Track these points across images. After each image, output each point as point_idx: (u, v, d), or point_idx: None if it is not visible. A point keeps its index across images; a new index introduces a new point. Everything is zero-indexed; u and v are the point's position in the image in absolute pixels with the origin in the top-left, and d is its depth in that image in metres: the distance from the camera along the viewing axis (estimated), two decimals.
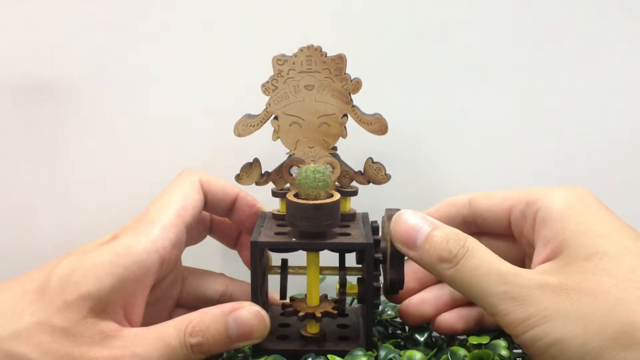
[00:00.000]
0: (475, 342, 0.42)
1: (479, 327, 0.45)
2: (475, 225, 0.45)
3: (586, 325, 0.33)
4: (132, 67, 0.55)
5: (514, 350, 0.41)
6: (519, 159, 0.56)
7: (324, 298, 0.45)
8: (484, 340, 0.42)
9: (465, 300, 0.44)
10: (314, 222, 0.41)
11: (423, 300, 0.45)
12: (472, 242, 0.38)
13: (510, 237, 0.44)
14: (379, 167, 0.45)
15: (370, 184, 0.46)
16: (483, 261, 0.37)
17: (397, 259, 0.42)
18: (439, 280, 0.45)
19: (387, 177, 0.46)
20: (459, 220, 0.45)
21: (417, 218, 0.39)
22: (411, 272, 0.45)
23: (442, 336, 0.46)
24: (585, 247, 0.36)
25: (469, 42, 0.55)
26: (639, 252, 0.36)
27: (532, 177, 0.56)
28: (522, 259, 0.44)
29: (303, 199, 0.41)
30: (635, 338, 0.33)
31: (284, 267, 0.45)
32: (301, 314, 0.43)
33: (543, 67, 0.55)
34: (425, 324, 0.45)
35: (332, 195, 0.42)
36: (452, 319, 0.44)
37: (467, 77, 0.55)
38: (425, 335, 0.45)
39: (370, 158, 0.45)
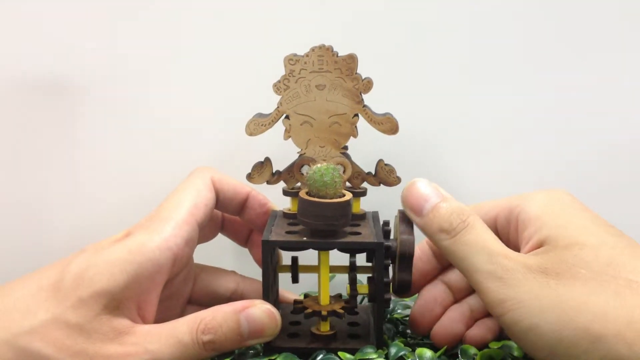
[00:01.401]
0: (493, 346, 0.42)
1: (502, 334, 0.45)
2: None
3: (560, 313, 0.34)
4: (143, 66, 0.55)
5: None
6: (529, 160, 0.56)
7: (337, 297, 0.46)
8: (498, 344, 0.42)
9: (483, 312, 0.45)
10: (326, 220, 0.41)
11: (452, 320, 0.44)
12: (474, 219, 0.39)
13: None
14: (391, 170, 0.46)
15: (381, 185, 0.46)
16: (478, 238, 0.38)
17: (405, 260, 0.42)
18: (456, 299, 0.46)
19: (398, 180, 0.46)
20: None
21: (430, 188, 0.41)
22: (432, 298, 0.45)
23: None
24: (565, 237, 0.37)
25: (481, 43, 0.55)
26: (616, 245, 0.36)
27: (542, 177, 0.56)
28: None
29: (315, 197, 0.42)
30: (606, 329, 0.33)
31: (294, 261, 0.46)
32: (308, 311, 0.44)
33: (556, 68, 0.55)
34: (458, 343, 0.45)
35: (342, 195, 0.42)
36: (481, 331, 0.44)
37: (478, 77, 0.55)
38: None
39: (382, 160, 0.46)
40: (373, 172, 0.46)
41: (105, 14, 0.54)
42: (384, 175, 0.46)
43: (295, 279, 0.46)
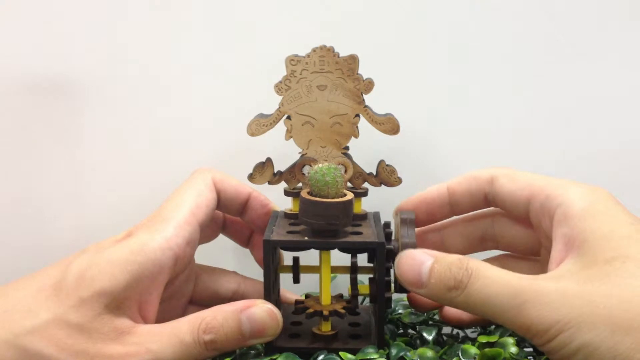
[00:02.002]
0: (484, 341, 0.42)
1: (485, 320, 0.44)
2: (495, 204, 0.45)
3: (614, 328, 0.33)
4: (146, 67, 0.55)
5: (525, 349, 0.42)
6: (531, 159, 0.56)
7: (338, 297, 0.46)
8: (493, 339, 0.42)
9: None
10: (327, 219, 0.41)
11: None
12: (475, 263, 0.37)
13: (528, 223, 0.43)
14: (392, 170, 0.46)
15: (382, 185, 0.46)
16: (491, 279, 0.36)
17: (408, 225, 0.42)
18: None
19: (400, 180, 0.46)
20: (481, 197, 0.45)
21: (417, 255, 0.39)
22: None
23: (453, 333, 0.46)
24: (607, 250, 0.36)
25: (482, 41, 0.55)
26: None
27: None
28: (538, 248, 0.44)
29: (316, 197, 0.42)
30: None
31: (296, 261, 0.46)
32: (309, 311, 0.44)
33: (557, 67, 0.55)
34: (433, 313, 0.46)
35: (344, 195, 0.42)
36: (458, 310, 0.44)
37: (479, 76, 0.55)
38: (434, 333, 0.45)
39: (383, 160, 0.46)
40: (374, 173, 0.46)
41: (106, 14, 0.54)
42: (385, 176, 0.46)
43: (296, 279, 0.46)
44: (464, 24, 0.55)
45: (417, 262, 0.38)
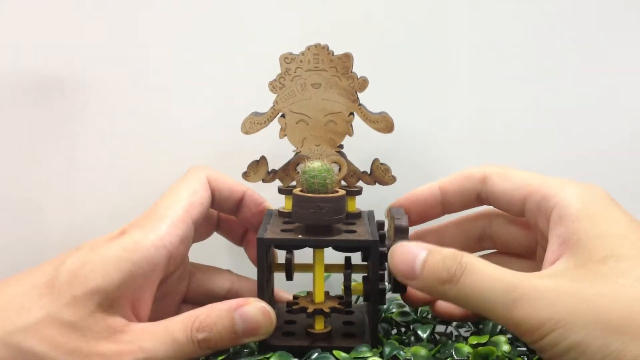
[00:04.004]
0: (474, 342, 0.42)
1: (477, 316, 0.44)
2: (489, 203, 0.45)
3: (605, 327, 0.33)
4: (141, 65, 0.55)
5: (518, 348, 0.42)
6: (526, 158, 0.56)
7: (327, 295, 0.46)
8: (484, 339, 0.42)
9: None
10: (319, 215, 0.41)
11: None
12: (469, 258, 0.37)
13: (524, 222, 0.43)
14: (386, 169, 0.46)
15: (377, 184, 0.46)
16: (484, 273, 0.36)
17: (401, 234, 0.41)
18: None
19: (394, 179, 0.46)
20: (473, 196, 0.45)
21: (411, 247, 0.38)
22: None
23: (447, 332, 0.46)
24: (601, 250, 0.36)
25: (478, 40, 0.55)
26: None
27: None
28: (534, 247, 0.44)
29: (308, 193, 0.42)
30: None
31: (289, 258, 0.46)
32: (309, 310, 0.44)
33: (553, 66, 0.55)
34: (427, 312, 0.46)
35: (336, 192, 0.42)
36: (450, 304, 0.44)
37: (474, 75, 0.55)
38: (428, 331, 0.45)
39: (377, 159, 0.46)
40: (368, 171, 0.46)
41: (105, 14, 0.54)
42: (380, 174, 0.46)
43: (289, 277, 0.46)
44: (461, 24, 0.55)
45: (411, 254, 0.38)
